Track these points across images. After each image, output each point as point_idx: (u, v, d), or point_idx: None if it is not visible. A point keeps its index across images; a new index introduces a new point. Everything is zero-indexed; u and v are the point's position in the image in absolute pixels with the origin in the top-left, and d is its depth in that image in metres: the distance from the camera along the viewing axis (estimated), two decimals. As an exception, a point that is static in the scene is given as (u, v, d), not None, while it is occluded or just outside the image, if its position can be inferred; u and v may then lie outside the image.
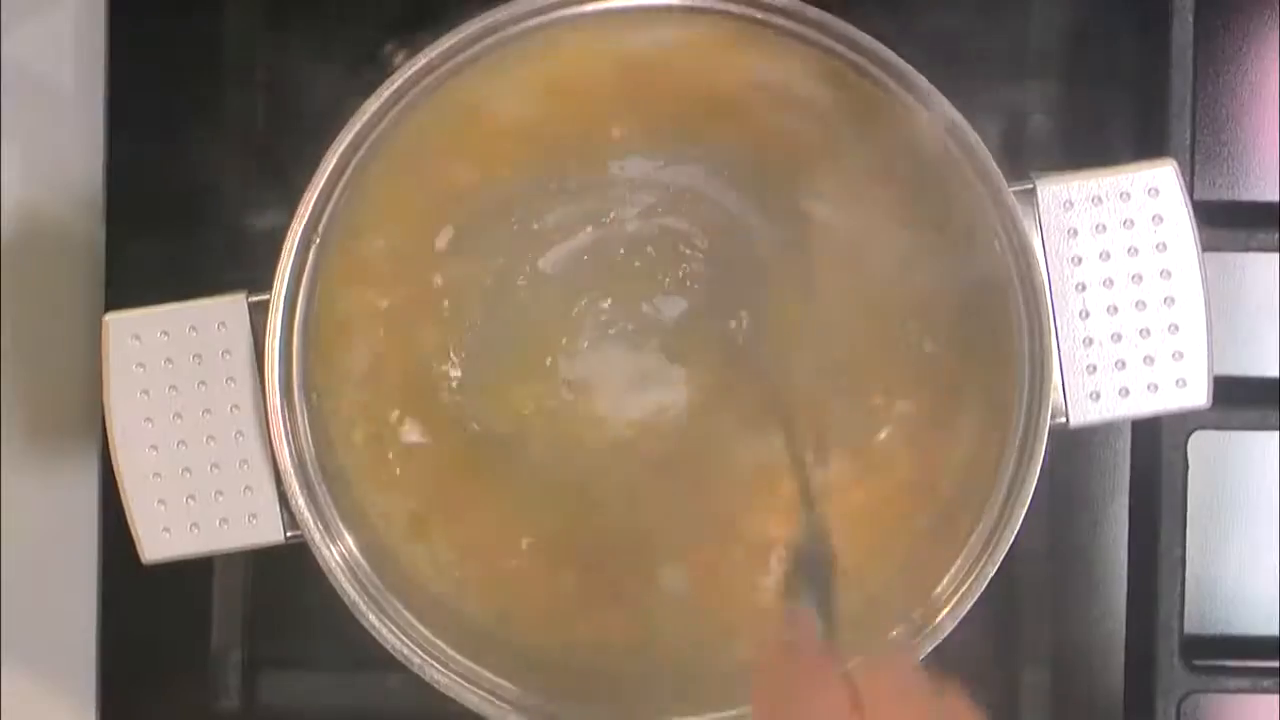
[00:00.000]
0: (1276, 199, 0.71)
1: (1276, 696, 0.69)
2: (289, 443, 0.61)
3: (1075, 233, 0.61)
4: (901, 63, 0.59)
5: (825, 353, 0.65)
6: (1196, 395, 0.62)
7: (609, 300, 0.65)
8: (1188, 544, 0.68)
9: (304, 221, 0.60)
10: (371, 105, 0.59)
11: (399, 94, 0.60)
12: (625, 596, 0.64)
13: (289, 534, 0.61)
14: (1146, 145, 0.69)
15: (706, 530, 0.65)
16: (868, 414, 0.64)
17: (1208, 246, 0.62)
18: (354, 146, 0.60)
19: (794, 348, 0.65)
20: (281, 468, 0.61)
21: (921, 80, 0.59)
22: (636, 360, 0.65)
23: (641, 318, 0.65)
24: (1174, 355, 0.61)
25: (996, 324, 0.61)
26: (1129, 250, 0.61)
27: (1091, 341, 0.61)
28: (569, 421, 0.65)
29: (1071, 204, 0.61)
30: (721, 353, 0.65)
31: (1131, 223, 0.61)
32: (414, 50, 0.60)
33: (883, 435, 0.64)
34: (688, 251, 0.65)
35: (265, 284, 0.60)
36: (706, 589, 0.64)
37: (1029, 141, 0.70)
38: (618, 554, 0.64)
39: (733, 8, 0.60)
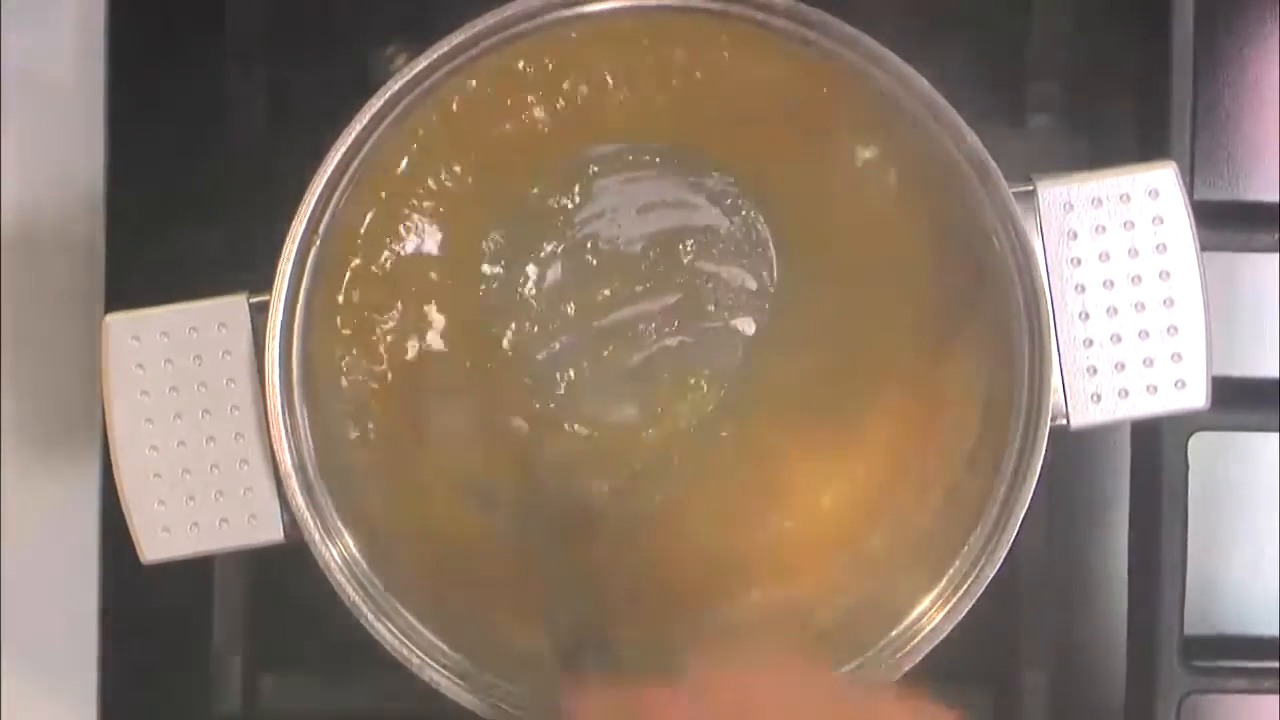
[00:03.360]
0: (1276, 199, 0.71)
1: (1276, 697, 0.69)
2: (289, 443, 0.61)
3: (1075, 234, 0.61)
4: (901, 63, 0.59)
5: (826, 355, 0.65)
6: (1196, 396, 0.62)
7: (609, 302, 0.65)
8: (1188, 544, 0.68)
9: (304, 223, 0.60)
10: (373, 106, 0.59)
11: (399, 95, 0.60)
12: (622, 598, 0.64)
13: (288, 534, 0.61)
14: (1146, 146, 0.69)
15: (705, 536, 0.65)
16: (867, 416, 0.65)
17: (1207, 247, 0.62)
18: (355, 148, 0.60)
19: (795, 350, 0.65)
20: (281, 468, 0.61)
21: (921, 81, 0.59)
22: (632, 373, 0.65)
23: (638, 324, 0.65)
24: (1173, 357, 0.61)
25: (996, 325, 0.62)
26: (1129, 252, 0.61)
27: (1091, 343, 0.61)
28: (567, 425, 0.65)
29: (1071, 205, 0.61)
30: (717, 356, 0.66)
31: (1131, 224, 0.61)
32: (415, 52, 0.60)
33: (882, 437, 0.64)
34: (686, 258, 0.65)
35: (265, 285, 0.60)
36: (703, 593, 0.64)
37: (1029, 143, 0.70)
38: (616, 556, 0.65)
39: (733, 8, 0.60)
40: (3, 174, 0.71)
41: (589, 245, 0.65)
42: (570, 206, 0.64)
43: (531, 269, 0.65)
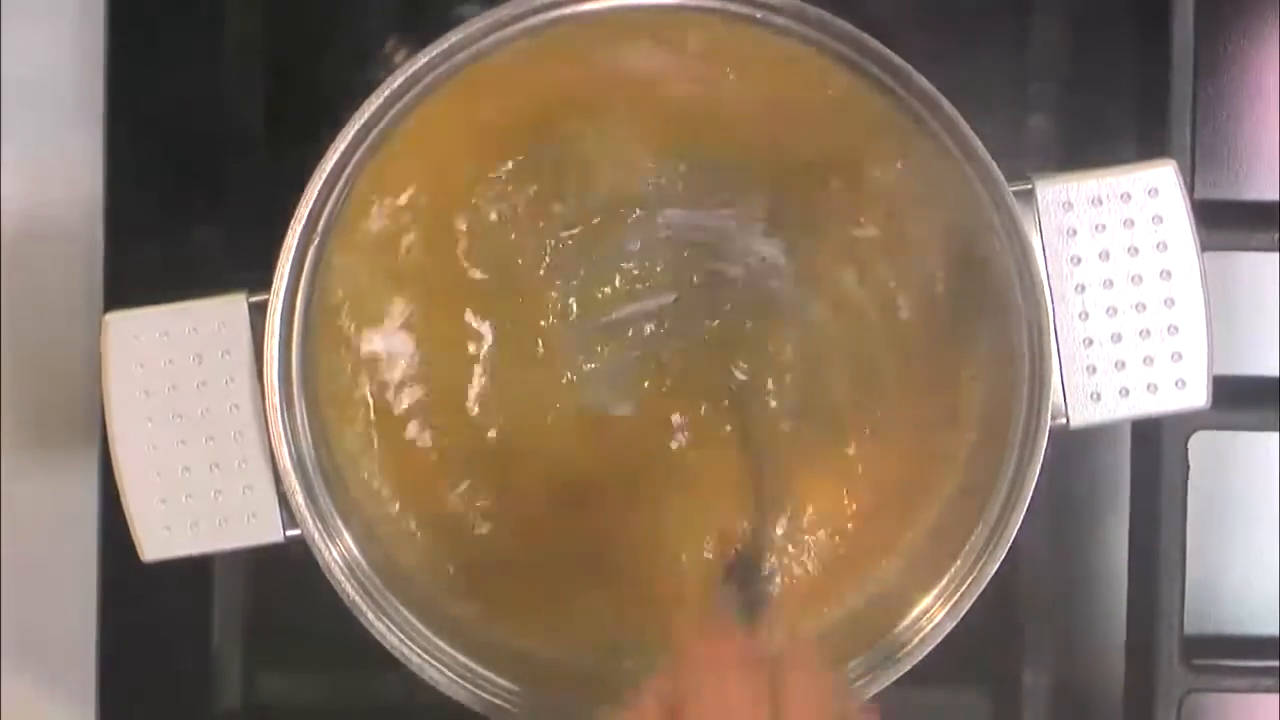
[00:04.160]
0: (1276, 199, 0.71)
1: (1276, 696, 0.69)
2: (288, 442, 0.61)
3: (1075, 233, 0.61)
4: (902, 63, 0.59)
5: (826, 355, 0.65)
6: (1196, 396, 0.62)
7: (608, 305, 0.65)
8: (1188, 544, 0.68)
9: (303, 222, 0.60)
10: (371, 105, 0.59)
11: (399, 93, 0.60)
12: (618, 595, 0.64)
13: (288, 533, 0.61)
14: (1146, 145, 0.69)
15: (701, 532, 0.65)
16: (869, 416, 0.65)
17: (1207, 246, 0.62)
18: (354, 146, 0.60)
19: (795, 350, 0.65)
20: (281, 467, 0.61)
21: (922, 80, 0.59)
22: (632, 366, 0.65)
23: (640, 325, 0.65)
24: (1173, 356, 0.61)
25: (996, 325, 0.62)
26: (1129, 251, 0.61)
27: (1091, 342, 0.61)
28: (565, 423, 0.65)
29: (1071, 204, 0.61)
30: (715, 356, 0.66)
31: (1131, 223, 0.61)
32: (414, 49, 0.60)
33: (884, 437, 0.64)
34: (686, 256, 0.65)
35: (265, 284, 0.60)
36: (701, 591, 0.64)
37: (1029, 141, 0.70)
38: (611, 554, 0.65)
39: (733, 8, 0.60)
40: (3, 174, 0.71)
41: (590, 243, 0.65)
42: (570, 204, 0.64)
43: (531, 267, 0.65)
